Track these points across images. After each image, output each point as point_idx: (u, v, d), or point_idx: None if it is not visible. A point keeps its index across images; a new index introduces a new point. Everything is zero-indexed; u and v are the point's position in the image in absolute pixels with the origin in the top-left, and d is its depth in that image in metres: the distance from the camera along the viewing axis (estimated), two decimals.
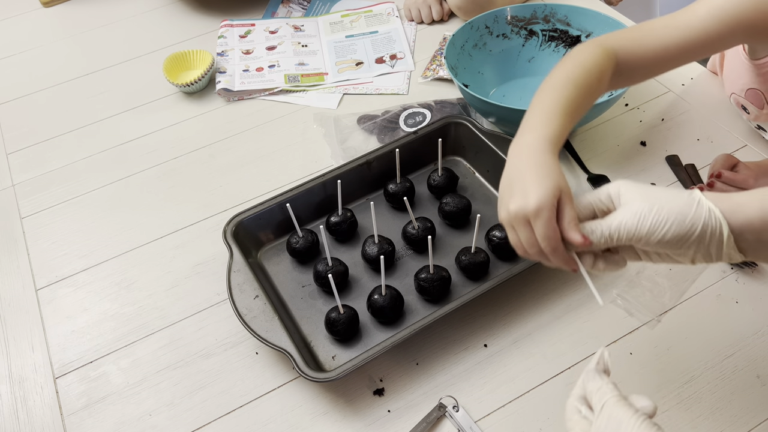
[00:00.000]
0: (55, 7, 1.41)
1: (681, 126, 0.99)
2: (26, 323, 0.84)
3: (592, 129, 1.00)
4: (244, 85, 1.14)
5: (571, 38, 1.05)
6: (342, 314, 0.75)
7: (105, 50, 1.27)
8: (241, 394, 0.75)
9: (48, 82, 1.21)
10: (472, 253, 0.80)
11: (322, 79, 1.15)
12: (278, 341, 0.72)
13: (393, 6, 1.29)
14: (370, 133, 1.02)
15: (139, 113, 1.13)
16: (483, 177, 0.94)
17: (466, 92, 0.94)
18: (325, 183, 0.88)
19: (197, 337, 0.80)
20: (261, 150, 1.03)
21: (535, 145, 0.61)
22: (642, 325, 0.76)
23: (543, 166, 0.59)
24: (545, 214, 0.56)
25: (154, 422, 0.73)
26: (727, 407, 0.69)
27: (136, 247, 0.91)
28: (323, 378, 0.69)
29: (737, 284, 0.79)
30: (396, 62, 1.17)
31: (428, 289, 0.78)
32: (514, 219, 0.59)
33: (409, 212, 0.83)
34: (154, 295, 0.85)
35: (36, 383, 0.78)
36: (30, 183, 1.02)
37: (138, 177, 1.01)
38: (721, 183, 0.79)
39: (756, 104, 0.87)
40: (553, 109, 0.64)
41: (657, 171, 0.93)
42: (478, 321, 0.78)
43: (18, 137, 1.11)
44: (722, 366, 0.72)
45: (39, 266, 0.90)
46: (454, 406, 0.71)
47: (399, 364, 0.75)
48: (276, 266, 0.85)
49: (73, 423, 0.74)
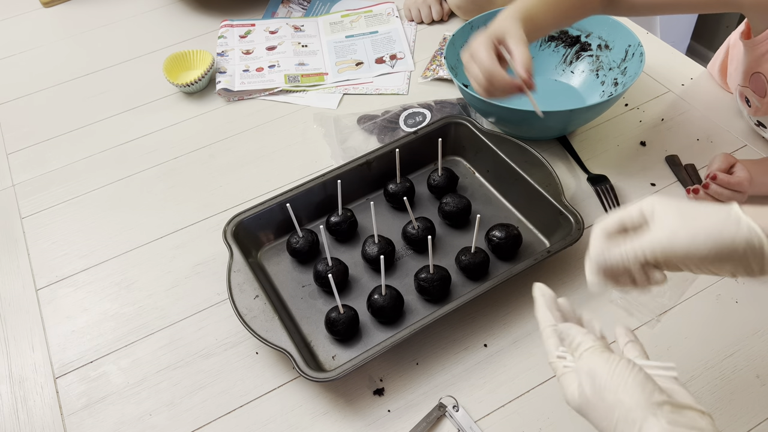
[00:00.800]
0: (55, 7, 1.41)
1: (681, 126, 0.99)
2: (26, 323, 0.84)
3: (592, 129, 1.00)
4: (244, 85, 1.14)
5: (571, 38, 1.05)
6: (342, 314, 0.75)
7: (105, 50, 1.27)
8: (241, 394, 0.75)
9: (48, 82, 1.21)
10: (472, 253, 0.80)
11: (322, 79, 1.15)
12: (278, 341, 0.72)
13: (393, 6, 1.29)
14: (370, 133, 1.02)
15: (139, 113, 1.13)
16: (483, 177, 0.94)
17: (466, 92, 0.94)
18: (325, 183, 0.89)
19: (197, 337, 0.80)
20: (261, 150, 1.03)
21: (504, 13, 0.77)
22: (642, 325, 0.76)
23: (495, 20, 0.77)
24: (477, 50, 0.74)
25: (154, 422, 0.73)
26: (727, 407, 0.69)
27: (136, 247, 0.91)
28: (323, 378, 0.69)
29: (737, 284, 0.79)
30: (396, 62, 1.17)
31: (428, 289, 0.78)
32: (466, 61, 0.77)
33: (409, 212, 0.83)
34: (154, 295, 0.85)
35: (36, 383, 0.78)
36: (30, 183, 1.02)
37: (138, 177, 1.01)
38: (716, 185, 0.79)
39: (758, 92, 0.87)
40: None
41: (657, 171, 0.93)
42: (478, 321, 0.78)
43: (18, 137, 1.11)
44: (722, 366, 0.72)
45: (39, 266, 0.90)
46: (454, 406, 0.71)
47: (399, 364, 0.75)
48: (276, 266, 0.85)
49: (73, 423, 0.74)
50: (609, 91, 1.00)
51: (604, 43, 1.02)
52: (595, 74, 1.04)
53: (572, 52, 1.06)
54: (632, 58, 0.97)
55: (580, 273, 0.82)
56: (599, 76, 1.03)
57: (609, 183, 0.91)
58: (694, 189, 0.81)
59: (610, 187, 0.91)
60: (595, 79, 1.03)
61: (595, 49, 1.04)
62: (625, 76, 0.98)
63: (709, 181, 0.79)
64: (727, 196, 0.78)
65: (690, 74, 1.08)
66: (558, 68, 1.07)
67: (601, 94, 1.02)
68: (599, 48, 1.03)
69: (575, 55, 1.06)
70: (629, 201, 0.89)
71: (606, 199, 0.89)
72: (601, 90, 1.02)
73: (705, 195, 0.79)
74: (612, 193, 0.90)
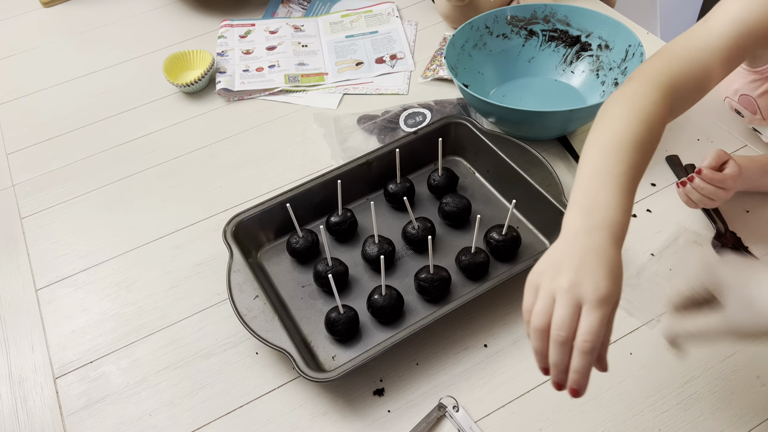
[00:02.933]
0: (55, 7, 1.41)
1: (681, 126, 0.99)
2: (26, 323, 0.84)
3: None
4: (244, 85, 1.14)
5: (571, 38, 1.05)
6: (342, 314, 0.75)
7: (105, 50, 1.27)
8: (241, 394, 0.75)
9: (48, 82, 1.21)
10: (472, 253, 0.80)
11: (322, 79, 1.15)
12: (278, 341, 0.72)
13: (393, 6, 1.29)
14: (370, 133, 1.02)
15: (139, 113, 1.13)
16: (483, 177, 0.94)
17: (466, 92, 0.94)
18: (325, 183, 0.88)
19: (197, 337, 0.80)
20: (261, 150, 1.03)
21: (604, 236, 0.54)
22: (642, 325, 0.76)
23: (615, 266, 0.52)
24: (607, 309, 0.50)
25: (154, 422, 0.73)
26: (727, 407, 0.69)
27: (136, 247, 0.91)
28: (323, 378, 0.69)
29: None
30: (396, 62, 1.17)
31: (428, 289, 0.78)
32: (562, 292, 0.51)
33: (409, 212, 0.83)
34: (154, 295, 0.85)
35: (36, 383, 0.78)
36: (30, 183, 1.02)
37: (138, 177, 1.01)
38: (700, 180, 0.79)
39: (749, 109, 0.88)
40: (618, 183, 0.56)
41: (657, 171, 0.93)
42: (478, 321, 0.78)
43: (18, 137, 1.11)
44: (722, 366, 0.72)
45: (39, 266, 0.90)
46: (454, 406, 0.71)
47: (399, 364, 0.75)
48: (276, 266, 0.85)
49: (73, 423, 0.74)
50: (609, 91, 1.00)
51: (605, 43, 1.02)
52: (595, 74, 1.04)
53: (572, 52, 1.06)
54: (632, 58, 0.97)
55: None
56: (599, 76, 1.03)
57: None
58: (682, 182, 0.81)
59: None
60: (595, 79, 1.03)
61: (595, 49, 1.04)
62: (625, 76, 0.98)
63: (694, 175, 0.79)
64: (709, 191, 0.78)
65: None
66: (558, 68, 1.07)
67: (602, 94, 1.02)
68: (599, 48, 1.03)
69: (575, 55, 1.06)
70: None
71: None
72: (602, 90, 1.02)
73: (690, 189, 0.79)
74: None
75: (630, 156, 0.58)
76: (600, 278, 0.51)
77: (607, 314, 0.51)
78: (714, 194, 0.78)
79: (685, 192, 0.81)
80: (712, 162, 0.79)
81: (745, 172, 0.80)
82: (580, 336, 0.50)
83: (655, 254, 0.83)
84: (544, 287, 0.53)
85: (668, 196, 0.90)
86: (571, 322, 0.50)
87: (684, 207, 0.86)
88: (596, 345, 0.50)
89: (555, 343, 0.51)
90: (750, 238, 0.83)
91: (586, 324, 0.50)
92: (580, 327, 0.50)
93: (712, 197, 0.78)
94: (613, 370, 0.73)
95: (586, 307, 0.50)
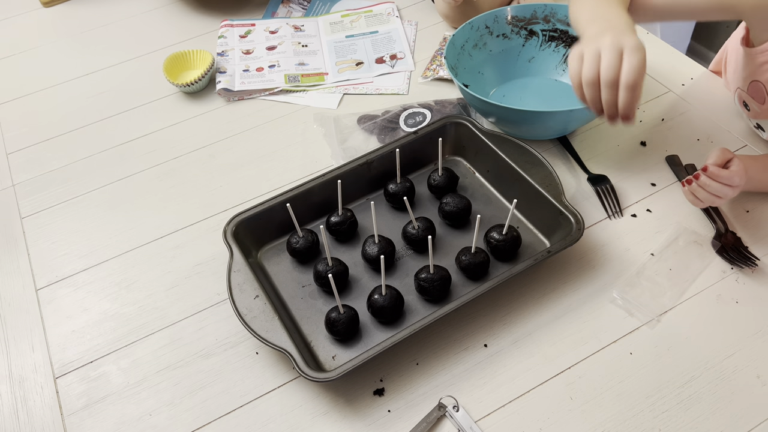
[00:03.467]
0: (55, 7, 1.41)
1: (681, 126, 0.99)
2: (26, 323, 0.84)
3: (592, 129, 1.00)
4: (244, 85, 1.14)
5: (571, 38, 1.05)
6: (342, 314, 0.75)
7: (105, 50, 1.27)
8: (241, 394, 0.75)
9: (48, 82, 1.21)
10: (472, 253, 0.80)
11: (322, 79, 1.15)
12: (278, 341, 0.72)
13: (393, 6, 1.29)
14: (370, 133, 1.02)
15: (139, 113, 1.13)
16: (483, 177, 0.94)
17: (466, 92, 0.94)
18: (325, 183, 0.88)
19: (197, 337, 0.80)
20: (261, 150, 1.03)
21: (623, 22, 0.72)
22: (642, 325, 0.76)
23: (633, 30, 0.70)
24: (643, 54, 0.67)
25: (154, 422, 0.73)
26: (727, 407, 0.69)
27: (136, 247, 0.91)
28: (323, 378, 0.69)
29: (737, 284, 0.79)
30: (396, 62, 1.17)
31: (428, 289, 0.78)
32: (606, 46, 0.67)
33: (409, 212, 0.83)
34: (154, 295, 0.85)
35: (36, 383, 0.78)
36: (30, 183, 1.02)
37: (138, 177, 1.01)
38: (707, 177, 0.79)
39: (757, 99, 0.87)
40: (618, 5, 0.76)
41: (657, 171, 0.93)
42: (478, 321, 0.78)
43: (18, 137, 1.11)
44: (722, 366, 0.72)
45: (39, 266, 0.90)
46: (454, 406, 0.71)
47: (399, 364, 0.75)
48: (276, 266, 0.85)
49: (73, 423, 0.74)
50: None
51: None
52: None
53: None
54: None
55: (580, 273, 0.82)
56: None
57: (609, 183, 0.91)
58: (687, 180, 0.81)
59: (610, 187, 0.91)
60: None
61: None
62: None
63: (699, 172, 0.79)
64: (715, 188, 0.78)
65: (690, 74, 1.08)
66: (558, 68, 1.07)
67: None
68: None
69: None
70: (630, 201, 0.89)
71: (606, 199, 0.89)
72: None
73: (696, 186, 0.79)
74: (612, 193, 0.90)
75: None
76: (634, 36, 0.68)
77: (643, 60, 0.66)
78: (720, 191, 0.78)
79: (690, 190, 0.81)
80: (716, 160, 0.79)
81: (749, 171, 0.80)
82: (624, 75, 0.66)
83: (655, 254, 0.83)
84: (589, 48, 0.69)
85: (668, 196, 0.90)
86: (617, 65, 0.67)
87: (684, 207, 0.86)
88: (639, 81, 0.66)
89: (605, 85, 0.67)
90: (750, 238, 0.83)
91: (629, 64, 0.66)
92: (624, 68, 0.66)
93: (718, 194, 0.78)
94: (613, 370, 0.73)
95: (627, 51, 0.67)
